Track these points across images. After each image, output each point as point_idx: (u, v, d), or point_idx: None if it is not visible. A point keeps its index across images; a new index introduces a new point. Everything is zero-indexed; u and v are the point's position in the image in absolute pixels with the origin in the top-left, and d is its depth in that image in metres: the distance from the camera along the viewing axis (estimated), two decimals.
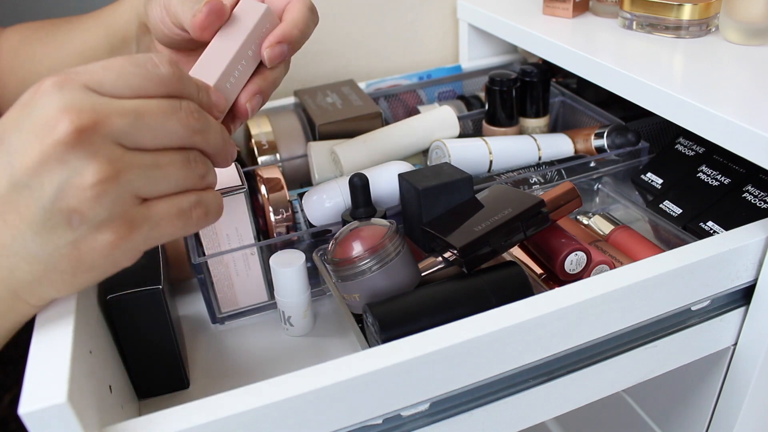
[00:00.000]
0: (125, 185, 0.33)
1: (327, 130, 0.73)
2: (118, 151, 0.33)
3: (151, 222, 0.35)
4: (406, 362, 0.40)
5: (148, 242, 0.36)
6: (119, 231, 0.34)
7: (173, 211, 0.36)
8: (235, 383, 0.41)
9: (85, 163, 0.32)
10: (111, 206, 0.33)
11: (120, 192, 0.33)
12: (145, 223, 0.35)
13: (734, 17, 0.64)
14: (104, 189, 0.32)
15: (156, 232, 0.36)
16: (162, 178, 0.35)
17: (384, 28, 0.93)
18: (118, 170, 0.33)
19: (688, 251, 0.49)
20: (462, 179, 0.56)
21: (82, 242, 0.33)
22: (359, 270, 0.50)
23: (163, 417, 0.37)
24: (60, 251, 0.34)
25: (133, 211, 0.34)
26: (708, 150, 0.66)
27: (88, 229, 0.33)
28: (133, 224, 0.34)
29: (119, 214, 0.33)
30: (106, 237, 0.33)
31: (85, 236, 0.33)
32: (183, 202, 0.37)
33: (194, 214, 0.37)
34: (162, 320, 0.49)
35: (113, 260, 0.35)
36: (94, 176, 0.32)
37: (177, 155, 0.36)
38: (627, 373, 0.51)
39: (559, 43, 0.70)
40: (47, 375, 0.34)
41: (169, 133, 0.35)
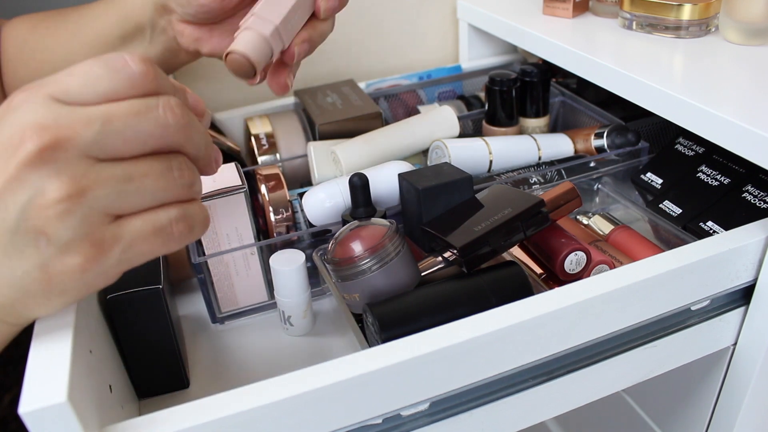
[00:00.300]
0: (91, 202, 0.31)
1: (327, 130, 0.73)
2: (83, 166, 0.31)
3: (123, 242, 0.32)
4: (406, 362, 0.40)
5: (122, 264, 0.33)
6: (88, 253, 0.32)
7: (148, 228, 0.33)
8: (235, 383, 0.41)
9: (48, 181, 0.30)
10: (77, 226, 0.31)
11: (85, 210, 0.31)
12: (116, 243, 0.32)
13: (734, 17, 0.64)
14: (68, 207, 0.30)
15: (130, 252, 0.33)
16: (135, 192, 0.32)
17: (384, 28, 0.93)
18: (83, 187, 0.30)
19: (688, 251, 0.49)
20: (462, 179, 0.56)
21: (51, 265, 0.32)
22: (359, 270, 0.50)
23: (163, 417, 0.37)
24: (30, 275, 0.32)
25: (102, 230, 0.32)
26: (708, 150, 0.66)
27: (56, 251, 0.31)
28: (103, 245, 0.32)
29: (86, 234, 0.31)
30: (75, 260, 0.31)
31: (53, 259, 0.31)
32: (161, 217, 0.33)
33: (176, 230, 0.34)
34: (162, 320, 0.49)
35: (85, 283, 0.33)
36: (56, 193, 0.30)
37: (156, 163, 0.33)
38: (627, 373, 0.51)
39: (559, 43, 0.70)
40: (47, 375, 0.34)
41: (144, 135, 0.32)
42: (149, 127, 0.32)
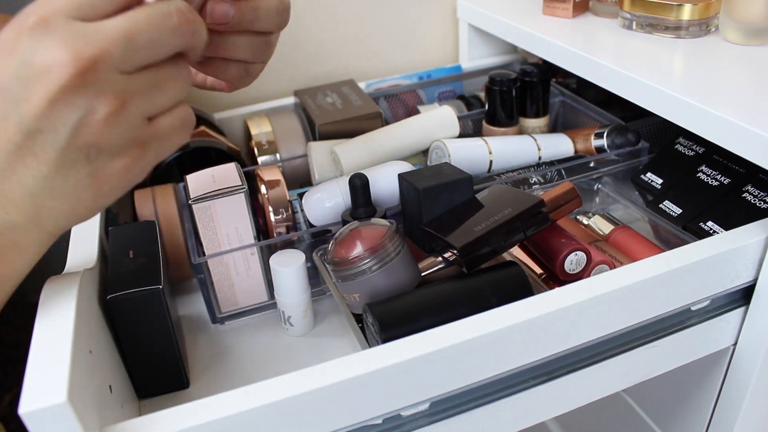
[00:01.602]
0: (134, 111, 0.34)
1: (327, 130, 0.73)
2: (121, 81, 0.33)
3: (160, 138, 0.36)
4: (406, 362, 0.40)
5: (158, 157, 0.37)
6: (134, 154, 0.35)
7: (177, 123, 0.37)
8: (235, 383, 0.41)
9: (94, 100, 0.32)
10: (123, 133, 0.34)
11: (130, 118, 0.34)
12: (155, 140, 0.36)
13: (734, 17, 0.64)
14: (116, 120, 0.33)
15: (165, 146, 0.37)
16: (163, 95, 0.36)
17: (384, 28, 0.93)
18: (124, 100, 0.33)
19: (688, 251, 0.49)
20: (462, 179, 0.56)
21: (100, 171, 0.35)
22: (359, 270, 0.50)
23: (163, 417, 0.37)
24: (81, 183, 0.35)
25: (143, 132, 0.35)
26: (708, 150, 0.66)
27: (105, 158, 0.34)
28: (146, 144, 0.36)
29: (132, 138, 0.35)
30: (123, 162, 0.35)
31: (103, 165, 0.35)
32: (182, 112, 0.37)
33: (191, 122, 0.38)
34: (162, 320, 0.49)
35: (129, 180, 0.36)
36: (105, 110, 0.33)
37: (172, 69, 0.36)
38: (627, 373, 0.51)
39: (559, 43, 0.70)
40: (47, 375, 0.34)
41: (164, 46, 0.35)
42: (168, 38, 0.34)
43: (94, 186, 0.35)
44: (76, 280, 0.43)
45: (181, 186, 0.65)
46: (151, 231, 0.55)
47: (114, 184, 0.36)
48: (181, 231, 0.62)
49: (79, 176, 0.34)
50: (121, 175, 0.36)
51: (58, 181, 0.34)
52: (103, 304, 0.48)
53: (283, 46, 0.88)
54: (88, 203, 0.36)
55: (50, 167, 0.34)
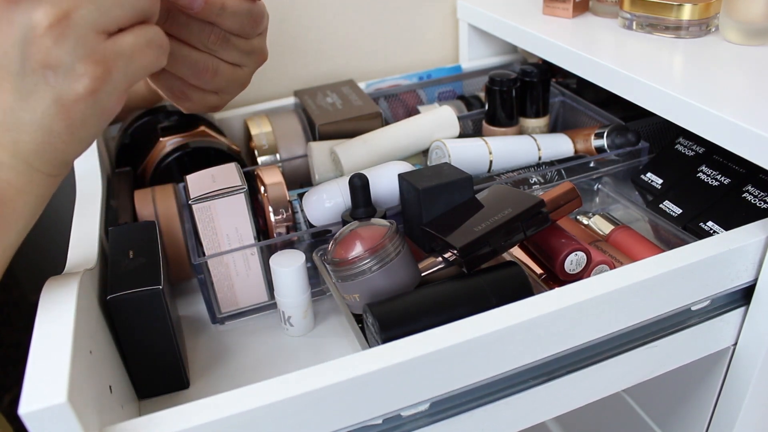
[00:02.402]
0: (80, 22, 0.32)
1: (327, 130, 0.73)
2: None
3: (123, 56, 0.34)
4: (406, 362, 0.40)
5: (128, 78, 0.35)
6: (94, 72, 0.33)
7: (141, 41, 0.35)
8: (235, 383, 0.41)
9: (32, 13, 0.31)
10: (74, 47, 0.32)
11: (78, 31, 0.32)
12: (118, 58, 0.34)
13: (734, 17, 0.64)
14: (60, 31, 0.32)
15: (133, 65, 0.35)
16: (118, 8, 0.33)
17: (384, 28, 0.93)
18: (66, 9, 0.32)
19: (688, 251, 0.49)
20: (462, 179, 0.56)
21: (64, 95, 0.33)
22: (359, 270, 0.50)
23: (163, 417, 0.37)
24: (48, 112, 0.33)
25: (100, 48, 0.33)
26: (708, 150, 0.66)
27: (64, 79, 0.33)
28: (106, 62, 0.33)
29: (86, 54, 0.33)
30: (84, 82, 0.33)
31: (65, 88, 0.33)
32: (149, 31, 0.35)
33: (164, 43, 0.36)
34: (162, 320, 0.49)
35: (101, 107, 0.34)
36: (45, 20, 0.31)
37: None
38: (627, 373, 0.51)
39: (559, 43, 0.70)
40: (47, 375, 0.34)
41: None
42: None
43: (62, 114, 0.34)
44: (76, 280, 0.43)
45: (181, 186, 0.65)
46: (151, 231, 0.55)
47: (84, 110, 0.34)
48: (181, 231, 0.62)
49: (44, 104, 0.33)
50: (88, 99, 0.33)
51: (25, 110, 0.33)
52: (103, 304, 0.48)
53: (283, 46, 0.88)
54: (63, 136, 0.35)
55: (14, 96, 0.33)
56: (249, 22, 0.43)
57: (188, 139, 0.70)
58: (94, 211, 0.55)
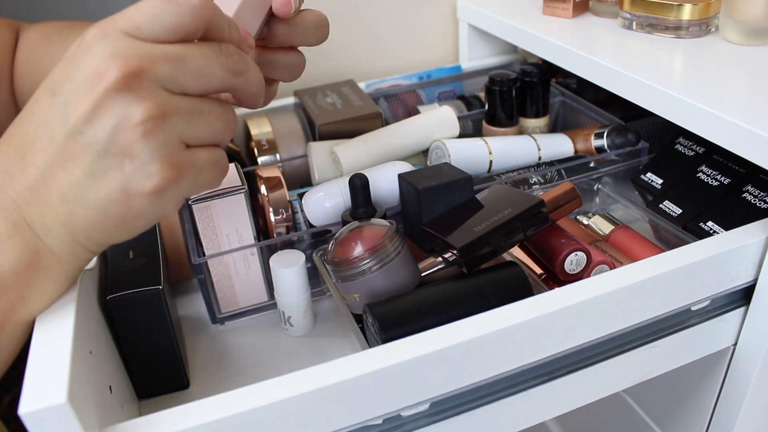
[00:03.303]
0: (171, 127, 0.34)
1: (327, 130, 0.73)
2: (164, 95, 0.34)
3: (196, 168, 0.36)
4: (406, 362, 0.40)
5: (191, 189, 0.37)
6: (166, 174, 0.35)
7: (212, 159, 0.37)
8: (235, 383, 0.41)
9: (134, 105, 0.33)
10: (158, 147, 0.34)
11: (166, 134, 0.34)
12: (191, 168, 0.36)
13: (734, 17, 0.64)
14: (151, 128, 0.34)
15: (199, 179, 0.37)
16: (204, 125, 0.36)
17: (384, 28, 0.93)
18: (164, 112, 0.34)
19: (688, 251, 0.49)
20: (462, 179, 0.56)
21: (132, 186, 0.34)
22: (359, 270, 0.50)
23: (163, 417, 0.37)
24: (112, 197, 0.35)
25: (179, 155, 0.35)
26: (708, 150, 0.66)
27: (137, 171, 0.34)
28: (181, 168, 0.35)
29: (166, 156, 0.34)
30: (154, 181, 0.34)
31: (135, 180, 0.34)
32: (218, 153, 0.38)
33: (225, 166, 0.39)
34: (162, 320, 0.49)
35: (160, 207, 0.36)
36: (142, 115, 0.33)
37: (217, 105, 0.37)
38: (627, 373, 0.51)
39: (559, 43, 0.70)
40: (47, 375, 0.34)
41: (211, 77, 0.36)
42: (216, 70, 0.36)
43: (124, 202, 0.35)
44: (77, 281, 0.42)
45: None
46: (151, 231, 0.55)
47: (144, 205, 0.35)
48: (181, 231, 0.62)
49: (110, 188, 0.35)
50: (152, 198, 0.35)
51: (91, 189, 0.35)
52: (103, 304, 0.48)
53: None
54: (117, 221, 0.36)
55: (85, 172, 0.34)
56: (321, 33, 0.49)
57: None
58: None
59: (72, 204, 0.35)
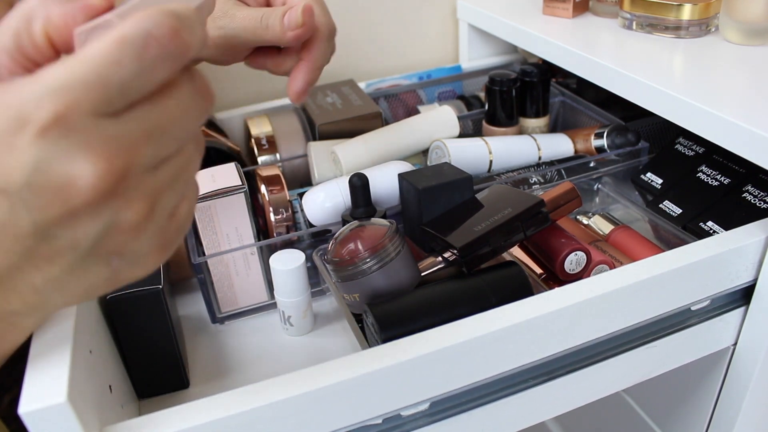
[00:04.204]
0: (161, 212, 0.30)
1: (327, 130, 0.73)
2: (150, 182, 0.29)
3: (182, 231, 0.33)
4: (406, 362, 0.40)
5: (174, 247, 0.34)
6: (164, 256, 0.32)
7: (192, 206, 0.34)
8: (235, 383, 0.41)
9: (123, 210, 0.28)
10: (151, 238, 0.30)
11: (158, 221, 0.30)
12: (178, 236, 0.33)
13: (734, 17, 0.64)
14: (145, 226, 0.30)
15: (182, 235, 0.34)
16: (185, 184, 0.32)
17: (384, 28, 0.93)
18: (153, 203, 0.30)
19: (688, 251, 0.49)
20: (462, 179, 0.56)
21: (121, 276, 0.32)
22: (359, 270, 0.50)
23: (163, 417, 0.37)
24: (95, 285, 0.32)
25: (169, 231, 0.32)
26: (708, 150, 0.66)
27: (130, 264, 0.31)
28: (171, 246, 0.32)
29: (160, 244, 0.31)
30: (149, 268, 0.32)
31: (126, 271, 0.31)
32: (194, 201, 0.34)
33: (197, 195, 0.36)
34: (162, 320, 0.49)
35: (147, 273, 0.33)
36: (135, 218, 0.29)
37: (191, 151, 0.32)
38: (627, 373, 0.51)
39: (559, 43, 0.70)
40: (47, 375, 0.34)
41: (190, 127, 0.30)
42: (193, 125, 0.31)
43: (110, 286, 0.32)
44: None
45: None
46: None
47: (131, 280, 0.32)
48: None
49: (96, 280, 0.31)
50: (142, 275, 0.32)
51: (72, 283, 0.31)
52: (103, 304, 0.48)
53: None
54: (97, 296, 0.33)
55: (64, 271, 0.30)
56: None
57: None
58: None
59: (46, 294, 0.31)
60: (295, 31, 0.50)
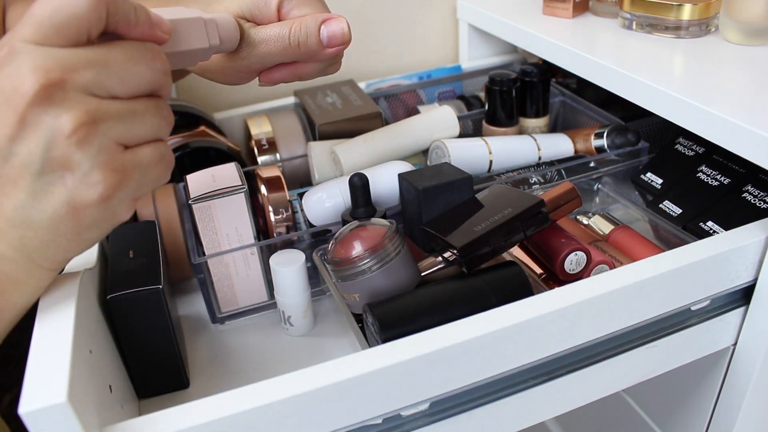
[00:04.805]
0: (105, 131, 0.33)
1: (327, 130, 0.73)
2: (92, 101, 0.33)
3: (140, 167, 0.35)
4: (406, 362, 0.40)
5: (140, 189, 0.36)
6: (110, 180, 0.34)
7: (156, 155, 0.36)
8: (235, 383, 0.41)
9: (61, 115, 0.32)
10: (96, 153, 0.33)
11: (101, 139, 0.33)
12: (135, 168, 0.35)
13: (734, 17, 0.64)
14: (85, 135, 0.33)
15: (146, 177, 0.36)
16: (140, 124, 0.35)
17: (384, 28, 0.93)
18: (94, 118, 0.33)
19: (688, 251, 0.49)
20: (462, 179, 0.56)
21: (77, 199, 0.34)
22: (359, 270, 0.50)
23: (163, 417, 0.37)
24: (59, 213, 0.34)
25: (119, 158, 0.34)
26: (708, 150, 0.66)
27: (80, 182, 0.33)
28: (124, 171, 0.34)
29: (106, 161, 0.34)
30: (99, 189, 0.34)
31: (79, 191, 0.33)
32: (162, 148, 0.37)
33: (170, 160, 0.38)
34: (162, 320, 0.49)
35: (112, 213, 0.35)
36: (72, 124, 0.32)
37: (151, 102, 0.36)
38: (627, 373, 0.51)
39: (559, 43, 0.70)
40: (47, 375, 0.34)
41: (140, 78, 0.35)
42: (143, 71, 0.35)
43: (73, 216, 0.34)
44: (76, 280, 0.43)
45: (181, 186, 0.65)
46: (151, 231, 0.55)
47: (94, 215, 0.35)
48: (181, 231, 0.62)
49: (56, 204, 0.34)
50: (101, 206, 0.34)
51: (36, 209, 0.34)
52: (103, 304, 0.48)
53: None
54: (70, 236, 0.35)
55: (28, 194, 0.33)
56: None
57: (188, 139, 0.70)
58: None
59: (21, 228, 0.34)
60: (336, 48, 0.50)
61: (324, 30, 0.48)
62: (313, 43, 0.49)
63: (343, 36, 0.49)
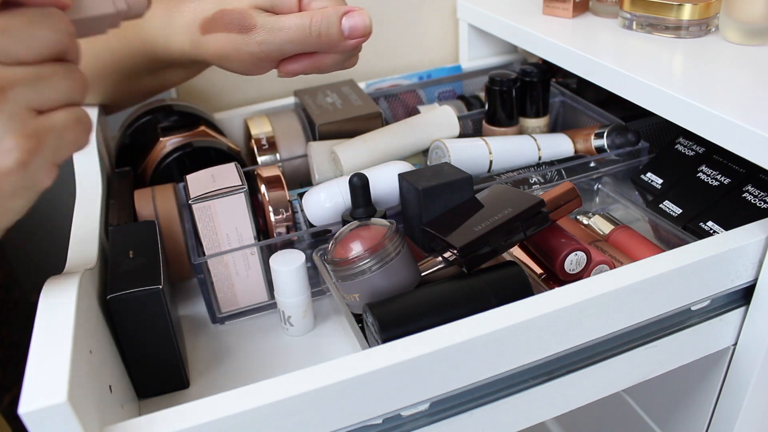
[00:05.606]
0: (14, 98, 0.33)
1: (327, 130, 0.73)
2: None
3: (55, 131, 0.35)
4: (406, 362, 0.40)
5: (58, 153, 0.36)
6: (25, 145, 0.34)
7: (71, 118, 0.36)
8: (235, 383, 0.41)
9: None
10: (6, 121, 0.33)
11: (10, 105, 0.33)
12: (50, 132, 0.35)
13: (734, 17, 0.64)
14: None
15: (63, 140, 0.35)
16: (50, 89, 0.35)
17: (384, 28, 0.93)
18: (2, 85, 0.33)
19: (688, 251, 0.49)
20: (462, 179, 0.56)
21: None
22: (359, 270, 0.50)
23: (163, 417, 0.37)
24: None
25: (32, 123, 0.34)
26: (708, 150, 0.66)
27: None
28: (38, 136, 0.34)
29: (18, 128, 0.33)
30: (14, 155, 0.33)
31: None
32: (78, 111, 0.36)
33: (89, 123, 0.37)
34: (162, 320, 0.49)
35: (32, 179, 0.35)
36: None
37: (58, 66, 0.35)
38: (627, 373, 0.51)
39: (559, 43, 0.70)
40: (47, 375, 0.34)
41: (44, 41, 0.34)
42: (47, 34, 0.34)
43: None
44: (76, 280, 0.43)
45: (181, 186, 0.65)
46: (151, 231, 0.55)
47: (15, 182, 0.34)
48: (181, 231, 0.62)
49: None
50: (19, 172, 0.34)
51: None
52: (103, 304, 0.48)
53: None
54: None
55: None
56: None
57: (188, 139, 0.70)
58: (94, 211, 0.55)
59: None
60: (356, 40, 0.48)
61: (346, 22, 0.48)
62: (335, 33, 0.48)
63: (364, 28, 0.48)
